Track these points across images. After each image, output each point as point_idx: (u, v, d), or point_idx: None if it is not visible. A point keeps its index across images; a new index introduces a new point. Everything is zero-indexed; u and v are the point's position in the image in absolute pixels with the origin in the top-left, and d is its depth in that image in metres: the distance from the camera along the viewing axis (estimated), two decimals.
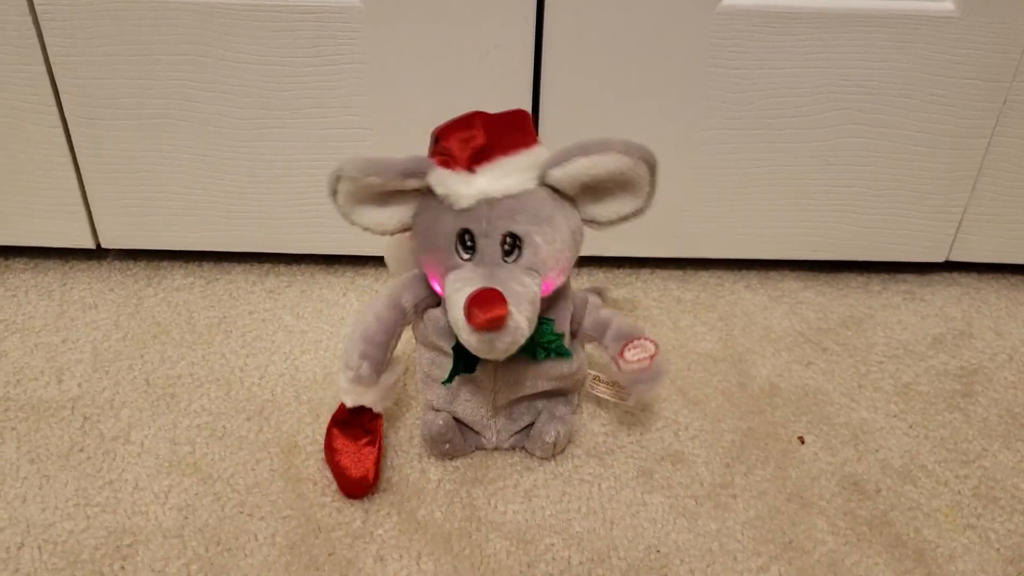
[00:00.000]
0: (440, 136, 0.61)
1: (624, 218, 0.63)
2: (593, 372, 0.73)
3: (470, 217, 0.59)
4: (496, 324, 0.56)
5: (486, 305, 0.56)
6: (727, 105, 0.80)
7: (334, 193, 0.61)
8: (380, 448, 0.67)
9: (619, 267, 0.92)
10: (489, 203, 0.59)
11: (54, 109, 0.80)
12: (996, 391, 0.79)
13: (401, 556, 0.63)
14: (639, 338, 0.66)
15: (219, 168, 0.83)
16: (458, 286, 0.59)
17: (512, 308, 0.57)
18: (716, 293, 0.90)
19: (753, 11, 0.76)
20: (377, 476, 0.67)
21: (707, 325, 0.85)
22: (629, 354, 0.65)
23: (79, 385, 0.76)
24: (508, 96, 0.79)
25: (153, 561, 0.62)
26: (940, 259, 0.90)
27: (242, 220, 0.86)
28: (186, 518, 0.65)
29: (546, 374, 0.67)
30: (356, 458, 0.66)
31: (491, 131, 0.60)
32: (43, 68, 0.78)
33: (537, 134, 0.63)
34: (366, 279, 0.90)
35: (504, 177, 0.59)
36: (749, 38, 0.77)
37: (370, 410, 0.67)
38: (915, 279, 0.93)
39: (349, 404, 0.66)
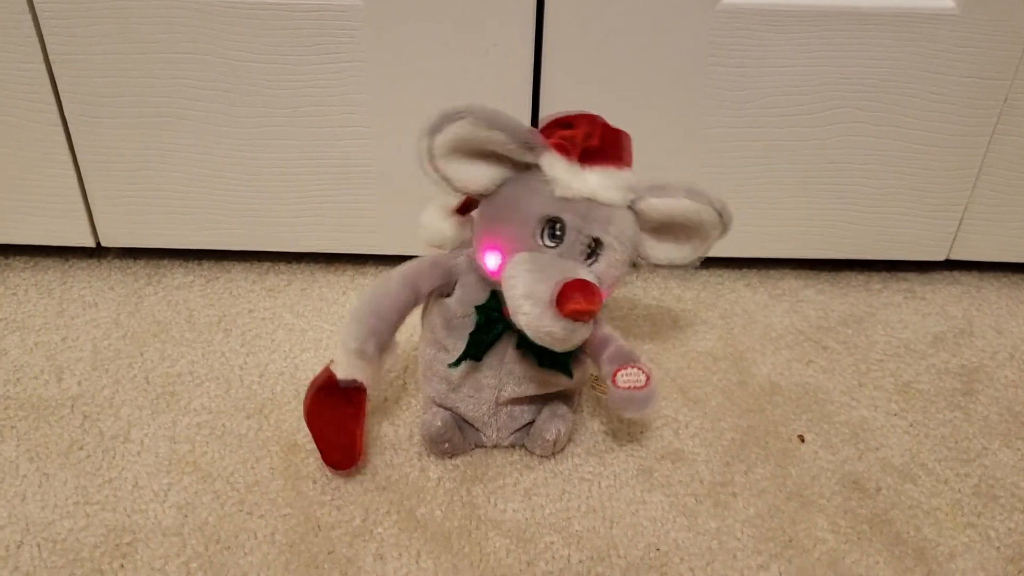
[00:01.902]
0: (567, 124, 0.61)
1: (672, 265, 0.66)
2: (593, 373, 0.73)
3: (568, 208, 0.60)
4: (589, 316, 0.57)
5: (588, 295, 0.56)
6: (727, 103, 0.80)
7: (437, 132, 0.59)
8: (363, 422, 0.67)
9: None
10: (589, 203, 0.60)
11: (54, 107, 0.80)
12: (997, 389, 0.79)
13: (401, 554, 0.63)
14: (634, 365, 0.66)
15: (219, 166, 0.83)
16: (536, 267, 0.58)
17: None
18: (716, 291, 0.90)
19: (753, 9, 0.76)
20: (362, 450, 0.66)
21: (707, 323, 0.85)
22: (621, 378, 0.65)
23: (79, 383, 0.76)
24: (508, 95, 0.79)
25: (152, 559, 0.62)
26: (941, 258, 0.90)
27: (242, 218, 0.86)
28: (186, 516, 0.65)
29: (550, 378, 0.67)
30: (342, 428, 0.66)
31: (606, 138, 0.61)
32: (43, 66, 0.78)
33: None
34: (366, 278, 0.90)
35: (611, 186, 0.60)
36: (749, 36, 0.77)
37: (357, 383, 0.65)
38: (916, 277, 0.93)
39: (342, 376, 0.64)
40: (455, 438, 0.69)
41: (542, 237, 0.60)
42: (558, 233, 0.60)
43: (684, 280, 0.91)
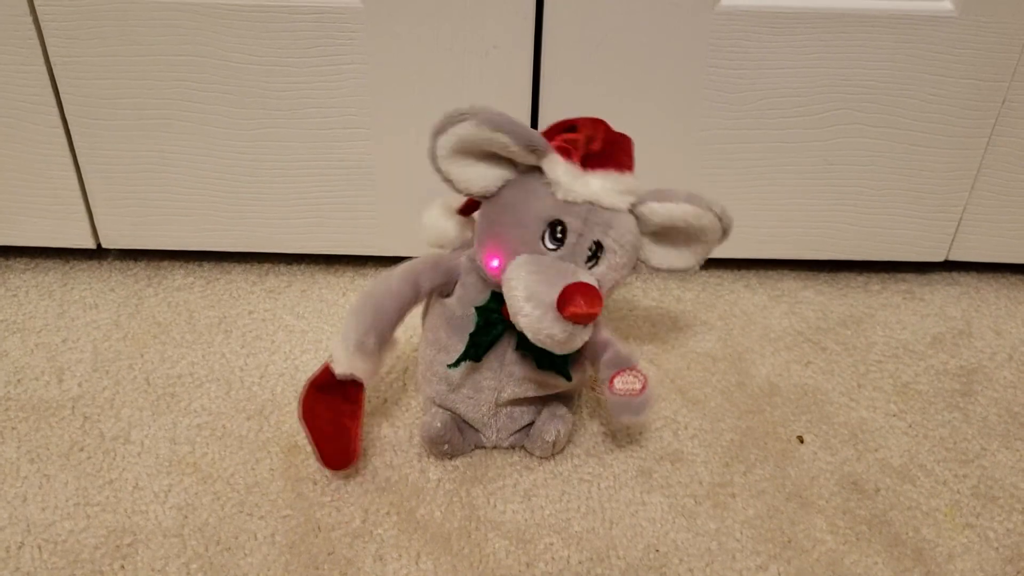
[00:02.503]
0: (571, 127, 0.62)
1: (671, 271, 0.67)
2: (593, 374, 0.73)
3: (570, 211, 0.60)
4: (590, 319, 0.57)
5: (589, 299, 0.57)
6: (726, 105, 0.80)
7: (442, 133, 0.59)
8: (361, 421, 0.66)
9: None
10: (591, 206, 0.60)
11: (55, 109, 0.80)
12: (995, 390, 0.79)
13: (400, 555, 0.63)
14: (631, 369, 0.66)
15: (219, 168, 0.83)
16: (538, 269, 0.59)
17: None
18: (716, 293, 0.90)
19: (752, 11, 0.76)
20: (358, 450, 0.66)
21: (707, 324, 0.86)
22: (618, 383, 0.66)
23: (79, 385, 0.76)
24: (508, 97, 0.79)
25: (153, 560, 0.62)
26: (939, 259, 0.90)
27: (242, 220, 0.86)
28: (186, 517, 0.65)
29: (549, 380, 0.67)
30: (337, 428, 0.65)
31: (608, 142, 0.61)
32: (44, 68, 0.78)
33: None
34: (366, 279, 0.90)
35: (613, 190, 0.61)
36: (748, 38, 0.77)
37: (354, 380, 0.65)
38: (914, 278, 0.93)
39: (340, 372, 0.64)
40: (455, 439, 0.69)
41: (544, 240, 0.61)
42: (559, 236, 0.60)
43: (683, 281, 0.91)
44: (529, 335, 0.58)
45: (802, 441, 0.73)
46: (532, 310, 0.57)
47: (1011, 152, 0.84)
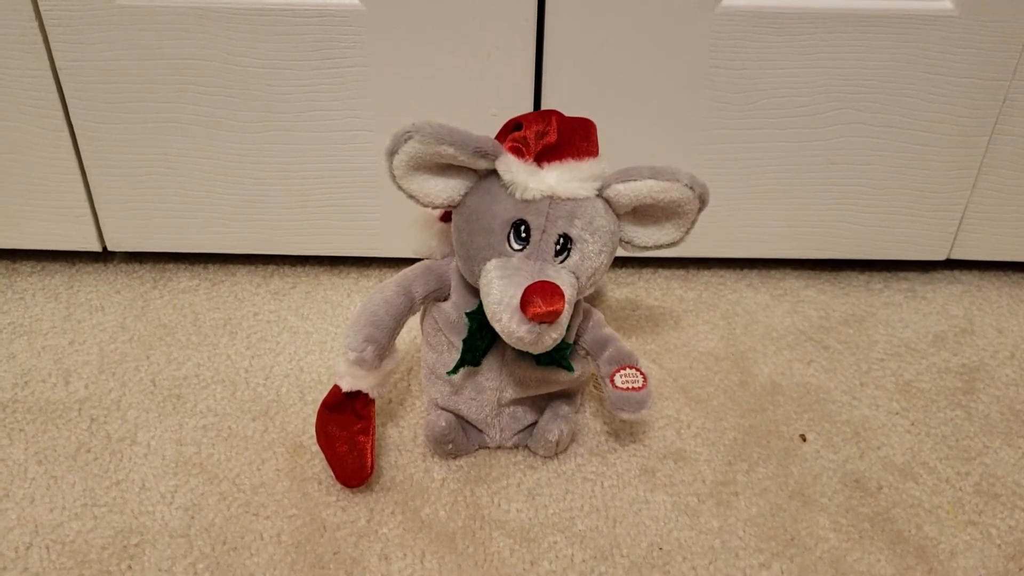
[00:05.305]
0: (517, 125, 0.61)
1: (658, 246, 0.65)
2: (594, 373, 0.73)
3: (531, 209, 0.60)
4: (552, 317, 0.57)
5: (547, 297, 0.57)
6: (728, 105, 0.81)
7: (394, 153, 0.60)
8: (374, 435, 0.67)
9: (622, 267, 0.93)
10: (552, 201, 0.60)
11: (60, 113, 0.80)
12: (998, 388, 0.79)
13: (405, 554, 0.64)
14: (632, 367, 0.67)
15: (224, 171, 0.84)
16: (506, 273, 0.59)
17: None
18: (718, 292, 0.90)
19: (753, 11, 0.76)
20: (373, 464, 0.67)
21: (709, 324, 0.86)
22: (619, 379, 0.66)
23: (86, 387, 0.77)
24: (510, 98, 0.80)
25: (160, 560, 0.63)
26: (941, 257, 0.90)
27: (247, 222, 0.87)
28: (192, 518, 0.66)
29: (551, 377, 0.67)
30: (352, 446, 0.66)
31: (563, 132, 0.61)
32: (49, 72, 0.78)
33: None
34: (370, 280, 0.90)
35: (571, 180, 0.60)
36: (749, 38, 0.77)
37: (364, 395, 0.66)
38: (916, 277, 0.93)
39: (346, 388, 0.65)
40: (459, 439, 0.69)
41: (510, 241, 0.61)
42: (524, 235, 0.60)
43: (686, 280, 0.91)
44: (505, 339, 0.59)
45: (804, 439, 0.74)
46: (502, 314, 0.58)
47: (1013, 150, 0.84)
